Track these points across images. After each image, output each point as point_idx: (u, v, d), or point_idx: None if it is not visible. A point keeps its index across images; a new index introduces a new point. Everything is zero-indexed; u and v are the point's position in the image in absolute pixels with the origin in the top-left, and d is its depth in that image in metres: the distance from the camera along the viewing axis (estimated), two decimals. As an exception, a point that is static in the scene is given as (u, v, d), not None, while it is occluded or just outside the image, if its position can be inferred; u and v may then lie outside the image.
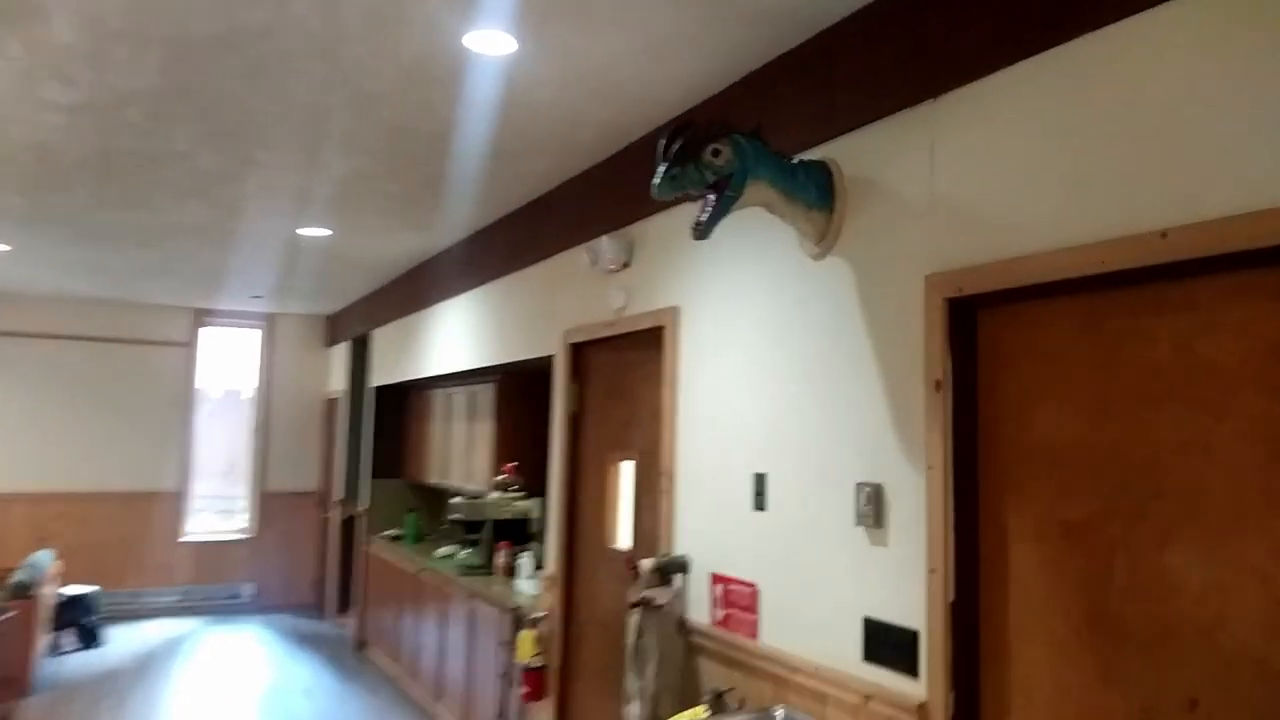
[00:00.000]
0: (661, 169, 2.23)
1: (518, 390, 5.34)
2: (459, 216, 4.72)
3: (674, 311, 3.11)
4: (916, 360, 2.12)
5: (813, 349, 2.46)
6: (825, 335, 2.42)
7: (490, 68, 2.80)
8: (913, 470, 2.11)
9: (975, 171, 2.01)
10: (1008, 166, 1.94)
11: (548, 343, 4.13)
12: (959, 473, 2.02)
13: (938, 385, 2.04)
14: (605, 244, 3.46)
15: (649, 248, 3.34)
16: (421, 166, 3.82)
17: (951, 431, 2.02)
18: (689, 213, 3.10)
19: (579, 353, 3.88)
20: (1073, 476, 1.83)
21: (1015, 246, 1.90)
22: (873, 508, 2.20)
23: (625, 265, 3.49)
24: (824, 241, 2.43)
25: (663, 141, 2.28)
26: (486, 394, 5.49)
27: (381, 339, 7.04)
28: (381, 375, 6.98)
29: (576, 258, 3.79)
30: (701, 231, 2.27)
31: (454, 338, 5.46)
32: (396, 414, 7.23)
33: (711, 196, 2.26)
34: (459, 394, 6.02)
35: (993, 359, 2.02)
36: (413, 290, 6.19)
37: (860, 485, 2.25)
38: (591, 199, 3.74)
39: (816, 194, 2.37)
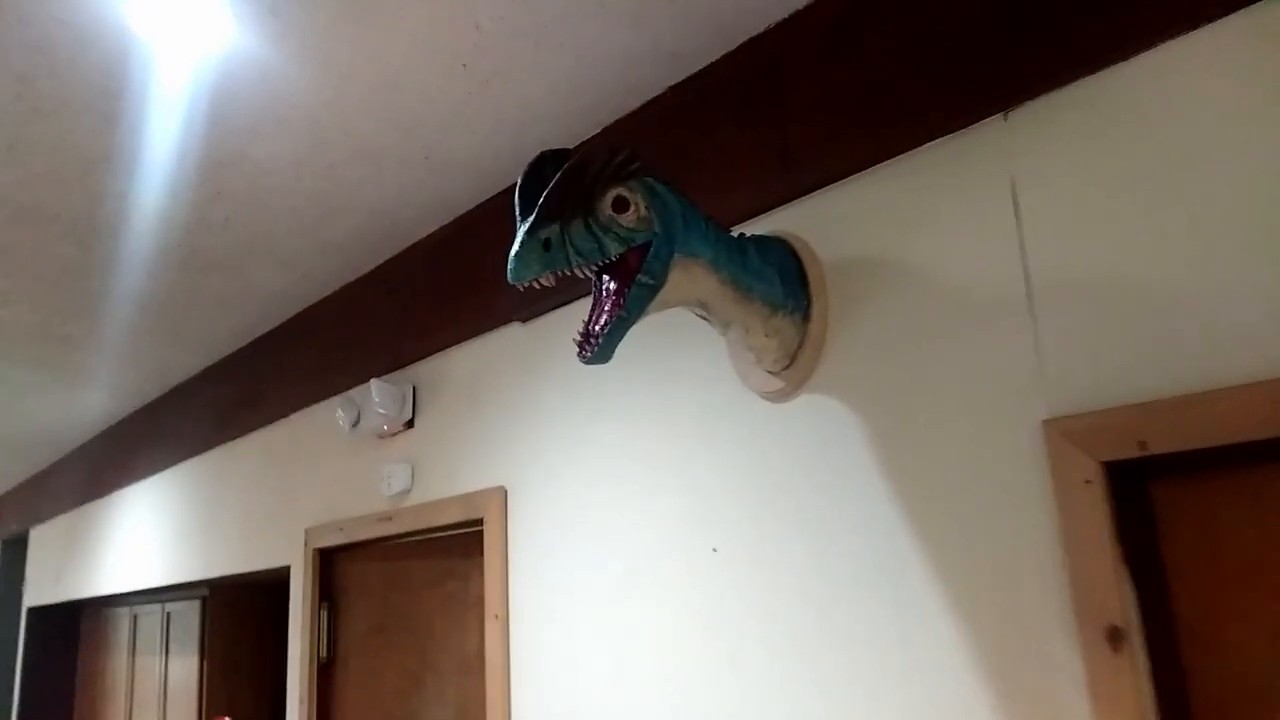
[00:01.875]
0: (523, 230, 1.14)
1: (237, 609, 3.77)
2: (150, 363, 3.28)
3: (499, 497, 1.92)
4: (1043, 587, 1.08)
5: (785, 567, 1.37)
6: (804, 542, 1.35)
7: (187, 85, 1.60)
8: (1060, 815, 1.03)
9: (1112, 233, 1.07)
10: (1184, 220, 1.01)
11: (279, 547, 2.75)
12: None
13: (1113, 636, 1.01)
14: (376, 393, 2.24)
15: (449, 395, 2.16)
16: (70, 280, 2.44)
17: (1153, 735, 0.98)
18: (534, 332, 1.97)
19: (331, 564, 2.54)
20: None
21: (1210, 370, 0.96)
22: None
23: (408, 425, 2.27)
24: (792, 369, 1.39)
25: (524, 178, 1.20)
26: (188, 615, 3.86)
27: (42, 541, 5.14)
28: (41, 592, 5.05)
29: (328, 416, 2.52)
30: (596, 349, 1.18)
31: (143, 538, 3.86)
32: (64, 644, 5.23)
33: (610, 284, 1.19)
34: (150, 614, 4.30)
35: (1200, 571, 1.02)
36: (90, 471, 4.50)
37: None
38: (355, 324, 2.52)
39: (782, 288, 1.34)
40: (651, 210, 1.21)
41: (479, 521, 1.94)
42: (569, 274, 1.15)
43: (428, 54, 1.53)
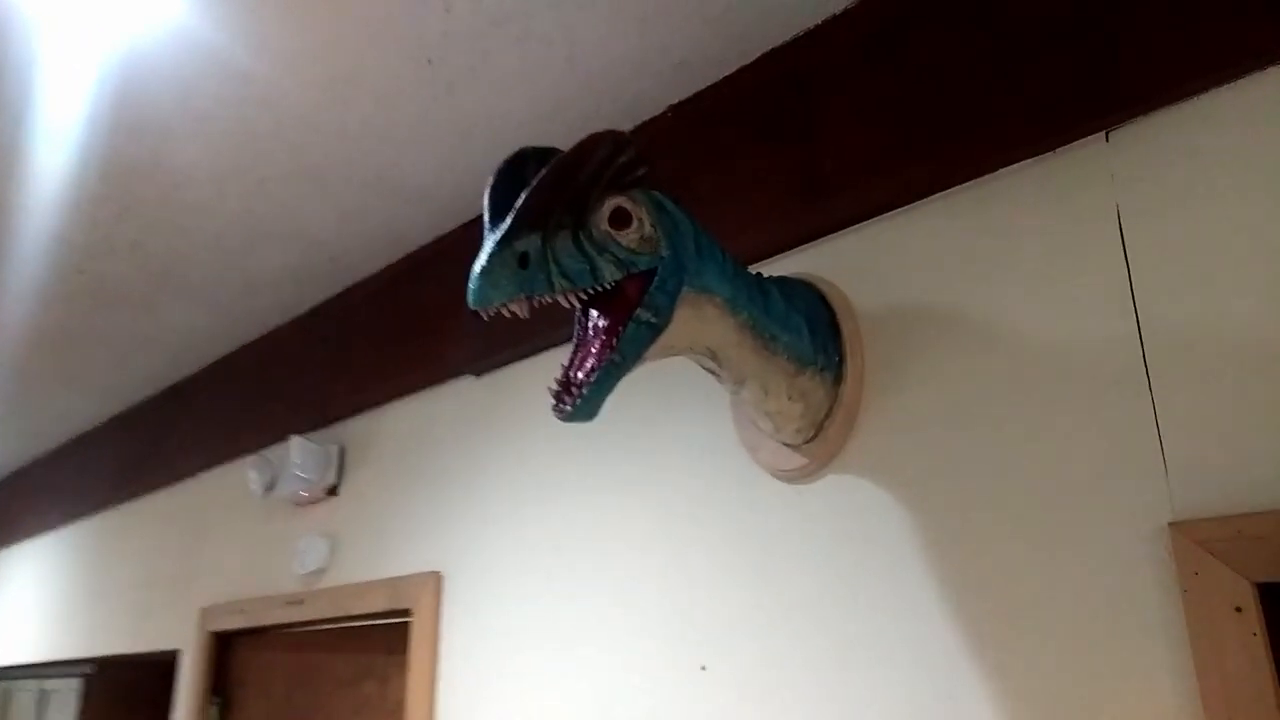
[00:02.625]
0: (493, 240, 0.87)
1: (124, 692, 3.29)
2: (43, 409, 2.90)
3: (432, 585, 1.60)
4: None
5: (796, 700, 1.07)
6: (825, 668, 1.05)
7: (87, 68, 1.31)
8: None
9: (1253, 284, 0.83)
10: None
11: (169, 626, 2.35)
12: None
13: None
14: (296, 452, 1.91)
15: (382, 458, 1.85)
16: (-52, 304, 2.09)
17: None
18: (490, 387, 1.68)
19: (228, 650, 2.16)
20: None
21: None
22: None
23: (330, 492, 1.94)
24: (817, 442, 1.11)
25: (498, 176, 0.94)
26: (67, 696, 3.37)
27: (-88, 603, 4.58)
28: (-98, 661, 4.46)
29: (240, 478, 2.17)
30: (579, 402, 0.91)
31: (24, 606, 3.40)
32: (-77, 722, 4.62)
33: (599, 320, 0.92)
34: (24, 691, 3.78)
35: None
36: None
37: None
38: (279, 373, 2.19)
39: (810, 341, 1.07)
40: (658, 229, 0.95)
41: (406, 612, 1.61)
42: (548, 301, 0.88)
43: (387, 42, 1.27)
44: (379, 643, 1.71)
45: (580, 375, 0.91)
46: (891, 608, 1.01)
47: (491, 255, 0.85)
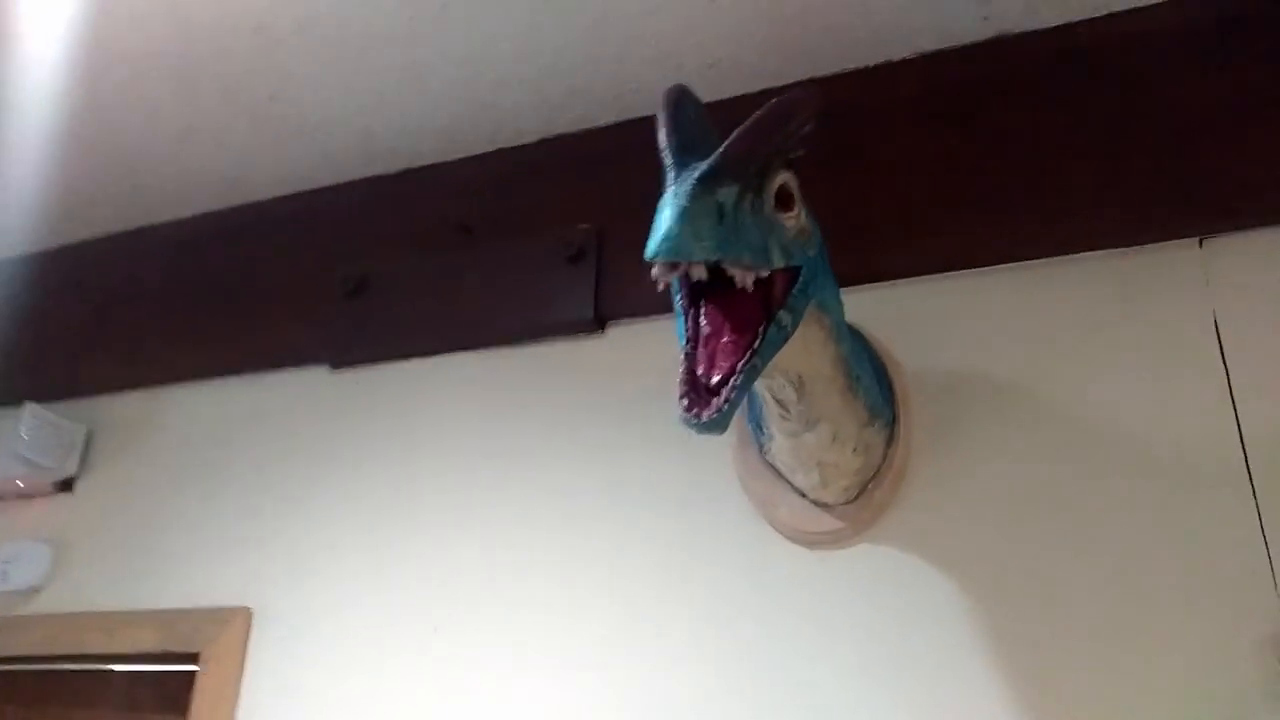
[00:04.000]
0: (694, 178, 0.66)
1: None
2: None
3: (236, 623, 1.21)
4: None
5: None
6: (847, 752, 0.91)
7: None
8: None
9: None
10: None
11: None
12: None
13: None
14: (26, 424, 1.40)
15: (150, 452, 1.41)
16: None
17: None
18: (348, 387, 1.35)
19: None
20: None
21: None
22: None
23: (62, 486, 1.45)
24: (859, 503, 0.98)
25: (674, 106, 0.74)
26: None
27: None
28: None
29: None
30: (720, 412, 0.70)
31: None
32: None
33: (713, 317, 0.76)
34: None
35: None
36: None
37: None
38: (23, 322, 1.63)
39: (879, 389, 0.96)
40: (811, 221, 0.80)
41: (190, 658, 1.21)
42: (729, 272, 0.69)
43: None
44: (145, 697, 1.26)
45: (717, 377, 0.72)
46: (931, 707, 0.90)
47: (693, 196, 0.65)
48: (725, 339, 0.74)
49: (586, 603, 1.06)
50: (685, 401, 0.71)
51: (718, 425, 0.70)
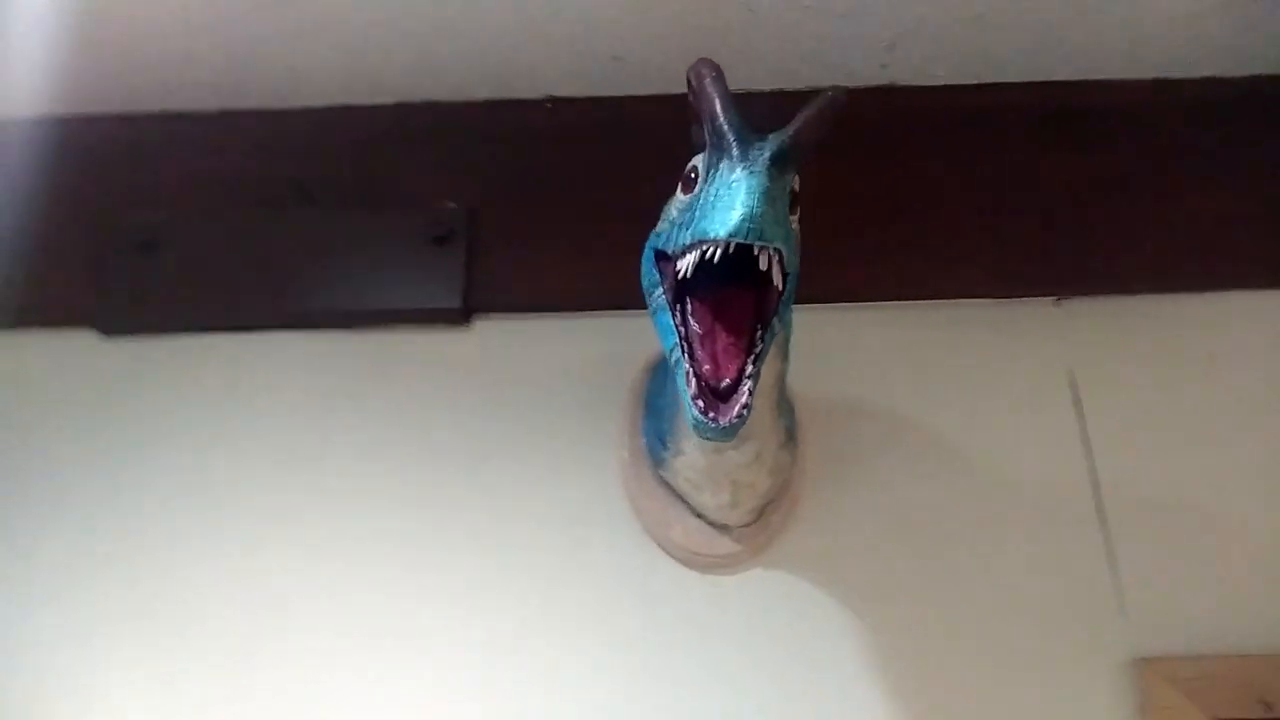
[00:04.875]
0: (766, 160, 0.61)
1: None
2: None
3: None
4: None
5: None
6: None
7: None
8: None
9: (1188, 461, 0.99)
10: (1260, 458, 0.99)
11: None
12: None
13: None
14: None
15: None
16: None
17: None
18: (124, 358, 1.10)
19: None
20: None
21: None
22: None
23: None
24: (757, 527, 0.95)
25: (723, 81, 0.68)
26: None
27: None
28: None
29: None
30: (742, 412, 0.66)
31: None
32: None
33: (709, 319, 0.74)
34: None
35: None
36: None
37: None
38: None
39: (791, 412, 0.95)
40: (799, 229, 0.77)
41: None
42: (766, 267, 0.65)
43: None
44: None
45: (728, 380, 0.67)
46: (825, 729, 0.89)
47: (771, 177, 0.60)
48: (723, 341, 0.69)
49: (451, 623, 0.94)
50: (700, 404, 0.65)
51: (735, 430, 0.65)
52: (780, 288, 0.67)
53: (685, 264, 0.65)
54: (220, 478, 1.01)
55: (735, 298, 0.72)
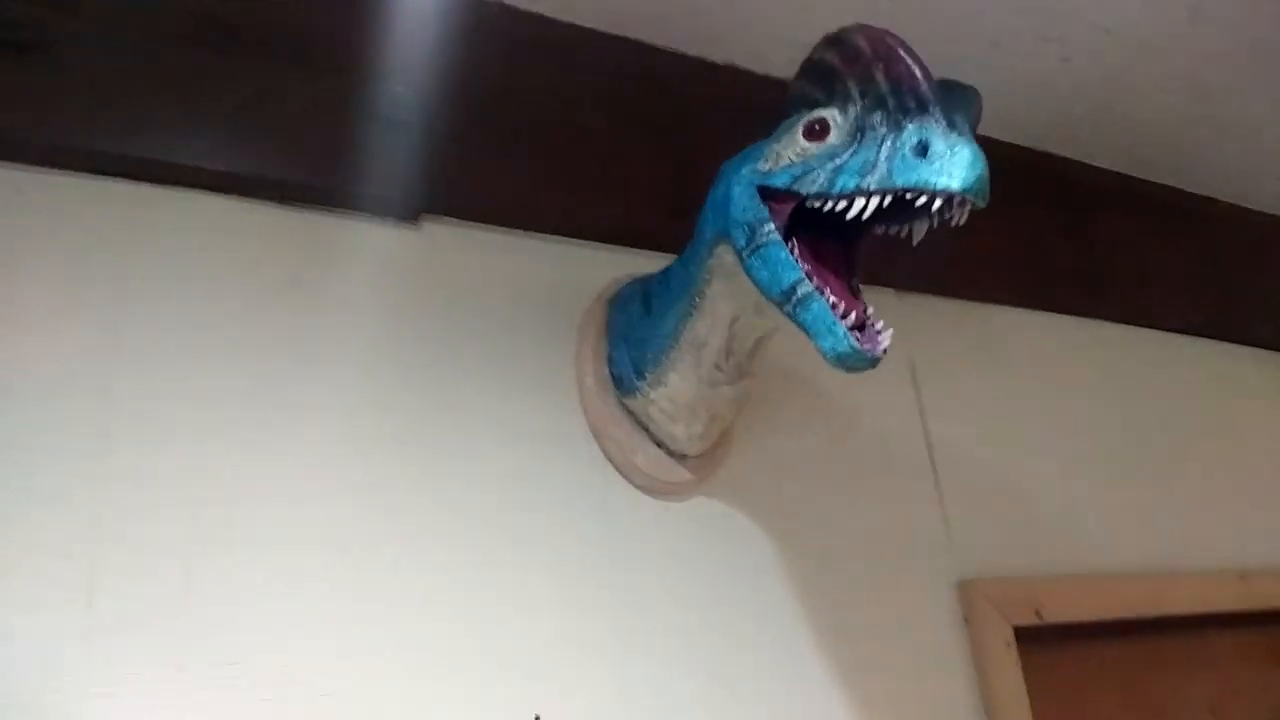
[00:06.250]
0: (967, 124, 0.73)
1: None
2: None
3: None
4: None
5: None
6: (693, 702, 0.94)
7: None
8: None
9: (1003, 432, 1.28)
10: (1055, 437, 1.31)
11: None
12: None
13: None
14: None
15: None
16: None
17: None
18: None
19: None
20: None
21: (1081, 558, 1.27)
22: None
23: None
24: (706, 458, 1.01)
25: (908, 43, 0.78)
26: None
27: None
28: None
29: None
30: (885, 350, 0.77)
31: None
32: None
33: (807, 253, 0.80)
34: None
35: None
36: None
37: None
38: None
39: (749, 352, 1.03)
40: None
41: None
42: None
43: None
44: None
45: (857, 311, 0.76)
46: (759, 639, 1.00)
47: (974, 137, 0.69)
48: (833, 279, 0.77)
49: (414, 541, 0.86)
50: (857, 334, 0.72)
51: (879, 361, 0.73)
52: (916, 239, 0.76)
53: (861, 206, 0.71)
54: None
55: (830, 245, 0.80)
